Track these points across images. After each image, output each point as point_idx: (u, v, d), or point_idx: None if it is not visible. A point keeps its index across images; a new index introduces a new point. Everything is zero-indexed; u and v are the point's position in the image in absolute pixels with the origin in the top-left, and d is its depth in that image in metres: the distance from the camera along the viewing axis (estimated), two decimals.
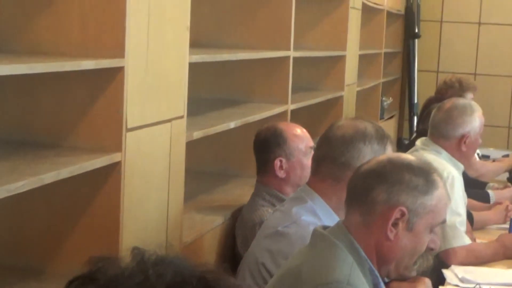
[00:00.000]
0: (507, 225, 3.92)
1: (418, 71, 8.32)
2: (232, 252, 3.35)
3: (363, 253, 1.97)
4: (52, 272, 2.47)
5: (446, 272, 3.46)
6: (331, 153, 2.52)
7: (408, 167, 2.02)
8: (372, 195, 1.99)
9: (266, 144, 3.31)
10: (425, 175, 2.01)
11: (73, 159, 2.31)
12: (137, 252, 1.12)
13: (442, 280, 3.39)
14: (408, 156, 2.12)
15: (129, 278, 1.07)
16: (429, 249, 2.05)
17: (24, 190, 2.03)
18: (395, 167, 2.02)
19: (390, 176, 2.00)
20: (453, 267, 3.52)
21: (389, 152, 2.53)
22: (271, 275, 2.55)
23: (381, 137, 2.51)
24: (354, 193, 2.06)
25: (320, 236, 2.03)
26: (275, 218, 2.75)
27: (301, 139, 3.26)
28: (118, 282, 1.06)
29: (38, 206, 2.49)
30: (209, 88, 4.21)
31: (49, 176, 2.13)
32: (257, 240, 2.76)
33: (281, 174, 3.25)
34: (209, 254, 3.24)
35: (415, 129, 7.55)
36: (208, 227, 3.27)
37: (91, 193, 2.45)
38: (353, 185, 2.09)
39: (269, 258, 2.61)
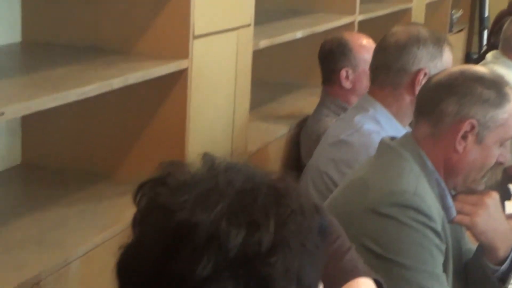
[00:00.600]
0: None
1: None
2: (296, 162, 3.36)
3: (430, 165, 1.95)
4: (119, 178, 2.51)
5: None
6: (386, 60, 2.54)
7: (480, 79, 1.97)
8: (442, 106, 1.96)
9: (332, 55, 3.28)
10: (497, 88, 1.96)
11: (141, 65, 2.32)
12: (207, 158, 1.11)
13: (508, 195, 3.36)
14: (480, 69, 2.07)
15: (199, 183, 1.05)
16: (498, 164, 2.02)
17: (93, 94, 2.05)
18: (467, 79, 1.97)
19: (461, 88, 1.96)
20: None
21: (448, 55, 2.49)
22: (334, 184, 2.56)
23: (437, 40, 2.48)
24: (423, 104, 2.03)
25: (387, 147, 2.01)
26: (337, 127, 2.75)
27: (367, 50, 3.21)
28: (189, 186, 1.05)
29: (106, 112, 2.51)
30: None
31: (117, 81, 2.15)
32: (319, 150, 2.77)
33: (347, 84, 3.24)
34: (273, 164, 3.25)
35: (484, 43, 7.38)
36: (273, 137, 3.27)
37: (158, 100, 2.46)
38: (423, 96, 2.06)
39: (332, 167, 2.62)
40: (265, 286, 1.00)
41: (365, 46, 3.26)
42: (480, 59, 4.50)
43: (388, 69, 2.54)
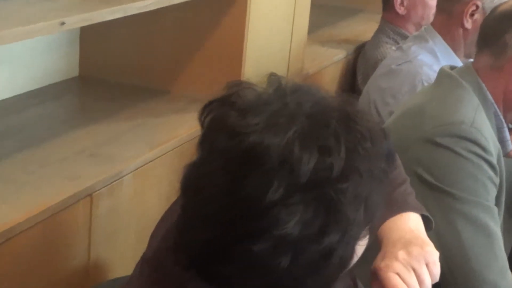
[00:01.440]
0: None
1: None
2: (352, 88, 3.33)
3: (490, 96, 1.91)
4: (174, 94, 2.52)
5: None
6: None
7: None
8: (505, 38, 1.91)
9: None
10: None
11: None
12: (274, 78, 1.10)
13: None
14: None
15: (268, 105, 1.05)
16: None
17: (153, 8, 2.04)
18: None
19: None
20: None
21: None
22: (378, 113, 2.54)
23: None
24: (486, 35, 1.98)
25: (447, 75, 1.97)
26: (393, 56, 2.72)
27: None
28: (257, 108, 1.04)
29: (164, 27, 2.50)
30: None
31: None
32: (373, 77, 2.76)
33: (401, 11, 3.20)
34: (329, 88, 3.23)
35: None
36: (330, 61, 3.25)
37: (216, 18, 2.44)
38: (486, 26, 2.01)
39: (378, 95, 2.62)
40: (334, 211, 1.00)
41: None
42: None
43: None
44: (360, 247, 1.12)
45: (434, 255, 1.27)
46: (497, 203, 1.87)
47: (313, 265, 1.02)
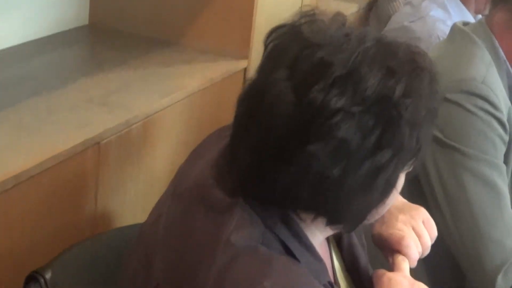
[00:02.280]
0: None
1: None
2: None
3: (502, 54, 1.89)
4: (185, 45, 2.51)
5: None
6: None
7: None
8: None
9: None
10: None
11: None
12: (339, 17, 1.15)
13: None
14: None
15: (333, 38, 1.10)
16: None
17: None
18: None
19: None
20: None
21: None
22: None
23: None
24: None
25: (459, 31, 1.95)
26: (404, 12, 2.69)
27: None
28: (322, 38, 1.09)
29: None
30: None
31: None
32: (384, 33, 2.72)
33: None
34: None
35: None
36: None
37: None
38: None
39: None
40: (392, 127, 1.08)
41: None
42: None
43: None
44: (401, 179, 1.18)
45: (426, 212, 1.41)
46: (506, 161, 1.86)
47: (361, 182, 1.08)
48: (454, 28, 1.98)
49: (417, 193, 1.80)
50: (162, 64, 2.31)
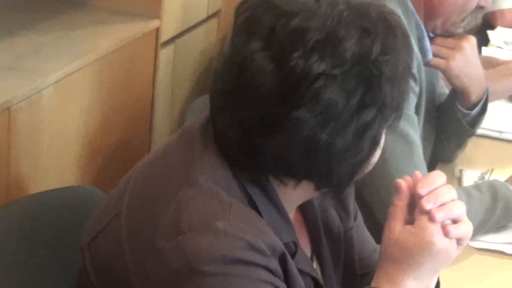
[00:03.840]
0: None
1: None
2: None
3: (411, 5, 1.92)
4: (95, 5, 2.46)
5: (491, 33, 3.42)
6: None
7: None
8: None
9: None
10: None
11: None
12: None
13: (486, 41, 3.35)
14: None
15: (304, 4, 1.12)
16: (479, 8, 1.99)
17: None
18: None
19: None
20: (499, 28, 3.47)
21: None
22: None
23: None
24: None
25: None
26: None
27: None
28: (294, 6, 1.12)
29: None
30: None
31: None
32: None
33: None
34: None
35: None
36: None
37: None
38: None
39: None
40: (374, 84, 1.11)
41: None
42: None
43: None
44: (383, 138, 1.20)
45: None
46: (417, 112, 1.90)
47: (349, 142, 1.12)
48: None
49: None
50: (72, 26, 2.26)
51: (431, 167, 2.08)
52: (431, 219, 1.18)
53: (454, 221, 1.20)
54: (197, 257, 1.06)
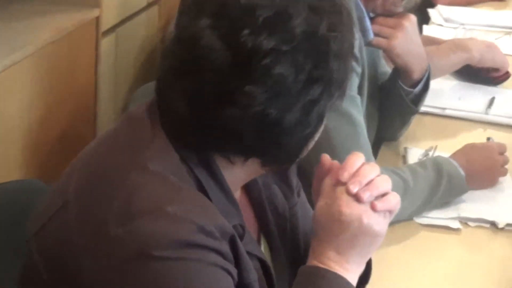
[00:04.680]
0: None
1: None
2: None
3: None
4: None
5: (431, 11, 3.45)
6: None
7: None
8: None
9: None
10: None
11: None
12: None
13: (427, 19, 3.38)
14: None
15: None
16: None
17: None
18: None
19: None
20: (439, 6, 3.50)
21: None
22: None
23: None
24: None
25: None
26: None
27: None
28: None
29: None
30: None
31: None
32: None
33: None
34: None
35: None
36: None
37: None
38: None
39: None
40: (322, 60, 1.13)
41: None
42: None
43: None
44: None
45: None
46: (360, 92, 1.91)
47: (297, 117, 1.13)
48: None
49: None
50: (10, 18, 2.23)
51: (376, 146, 2.10)
52: (359, 201, 1.20)
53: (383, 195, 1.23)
54: (149, 242, 1.06)
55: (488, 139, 2.09)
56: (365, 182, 1.21)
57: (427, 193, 1.82)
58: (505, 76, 2.62)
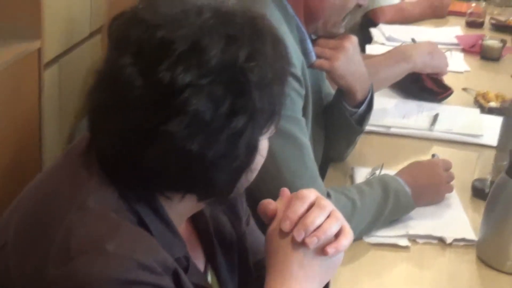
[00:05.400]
0: None
1: None
2: None
3: (291, 10, 1.94)
4: None
5: (373, 31, 3.49)
6: None
7: None
8: None
9: None
10: None
11: None
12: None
13: (369, 38, 3.42)
14: None
15: (171, 16, 1.12)
16: (358, 6, 2.03)
17: None
18: None
19: None
20: (381, 25, 3.55)
21: None
22: None
23: None
24: None
25: None
26: None
27: None
28: (161, 18, 1.12)
29: None
30: None
31: None
32: None
33: None
34: None
35: None
36: None
37: None
38: None
39: None
40: (242, 91, 1.11)
41: None
42: None
43: None
44: (264, 144, 1.21)
45: None
46: (305, 114, 1.92)
47: (223, 151, 1.12)
48: None
49: None
50: None
51: (323, 167, 2.11)
52: (307, 247, 1.20)
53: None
54: (89, 282, 1.04)
55: (433, 155, 2.11)
56: (311, 229, 1.20)
57: (375, 212, 1.83)
58: (448, 93, 2.67)
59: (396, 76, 2.54)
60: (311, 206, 1.23)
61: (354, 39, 2.03)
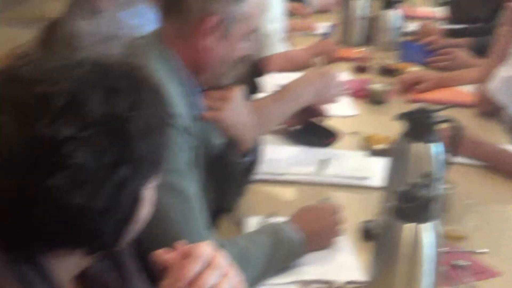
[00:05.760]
0: None
1: None
2: None
3: (178, 64, 1.94)
4: None
5: (265, 79, 3.52)
6: None
7: None
8: (187, 3, 1.94)
9: None
10: None
11: None
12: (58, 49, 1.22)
13: (259, 87, 3.44)
14: None
15: (51, 71, 1.12)
16: (245, 56, 2.05)
17: None
18: None
19: None
20: (270, 74, 3.58)
21: None
22: None
23: None
24: (168, 2, 2.00)
25: (131, 47, 1.98)
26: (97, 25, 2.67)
27: None
28: (41, 73, 1.11)
29: None
30: None
31: None
32: None
33: None
34: None
35: None
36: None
37: None
38: None
39: None
40: (125, 142, 1.12)
41: None
42: None
43: None
44: (149, 194, 1.21)
45: None
46: (196, 164, 1.93)
47: (107, 203, 1.11)
48: (128, 43, 2.00)
49: None
50: None
51: (215, 217, 2.11)
52: None
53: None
54: None
55: (325, 199, 2.14)
56: (187, 282, 1.18)
57: (265, 260, 1.84)
58: (333, 138, 2.72)
59: (285, 115, 2.55)
60: (207, 263, 1.21)
61: (239, 90, 2.06)
